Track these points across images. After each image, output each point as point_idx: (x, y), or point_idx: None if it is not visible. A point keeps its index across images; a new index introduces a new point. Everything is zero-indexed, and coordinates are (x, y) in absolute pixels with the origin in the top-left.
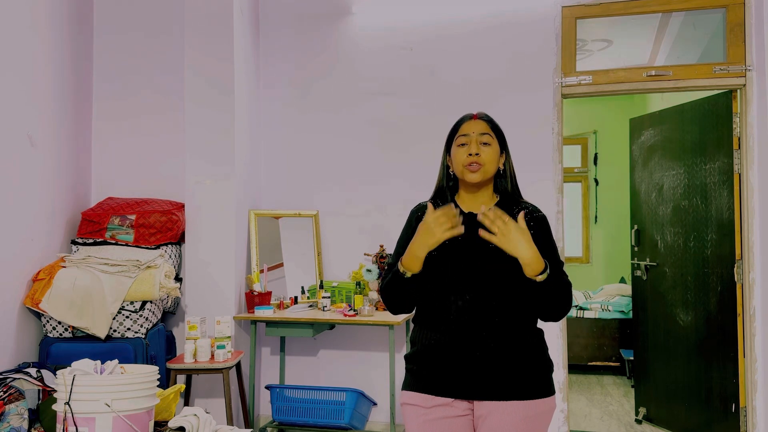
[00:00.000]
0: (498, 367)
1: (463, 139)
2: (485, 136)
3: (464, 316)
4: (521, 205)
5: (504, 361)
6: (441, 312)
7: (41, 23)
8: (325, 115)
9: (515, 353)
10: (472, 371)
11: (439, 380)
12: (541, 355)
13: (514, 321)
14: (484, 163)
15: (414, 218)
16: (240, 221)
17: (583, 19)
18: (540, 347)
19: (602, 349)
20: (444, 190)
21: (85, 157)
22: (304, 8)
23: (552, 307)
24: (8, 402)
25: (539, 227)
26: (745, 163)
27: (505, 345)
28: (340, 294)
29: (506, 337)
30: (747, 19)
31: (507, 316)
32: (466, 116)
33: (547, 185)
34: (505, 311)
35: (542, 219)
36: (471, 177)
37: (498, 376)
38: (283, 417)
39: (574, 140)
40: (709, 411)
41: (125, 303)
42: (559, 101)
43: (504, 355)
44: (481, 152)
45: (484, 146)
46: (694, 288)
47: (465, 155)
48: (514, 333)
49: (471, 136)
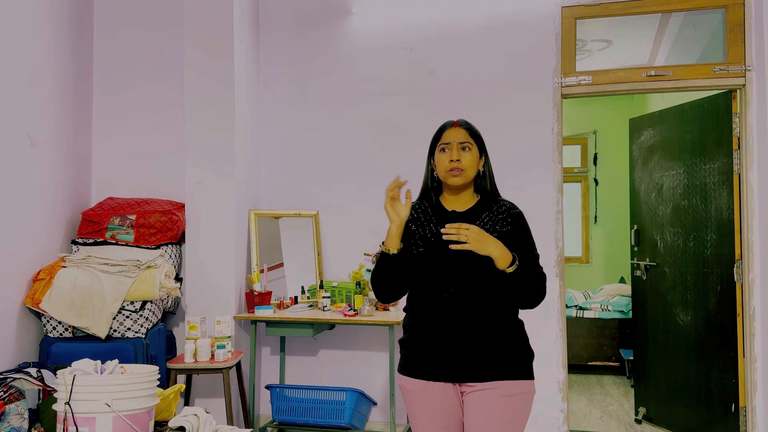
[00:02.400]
0: (479, 352)
1: (445, 146)
2: (465, 143)
3: (448, 307)
4: (500, 203)
5: (484, 347)
6: (428, 304)
7: (41, 22)
8: (326, 115)
9: (495, 340)
10: (457, 357)
11: (428, 366)
12: (520, 342)
13: (494, 311)
14: (465, 168)
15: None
16: (240, 221)
17: (583, 19)
18: (519, 335)
19: (602, 348)
20: (429, 191)
21: (85, 157)
22: (304, 8)
23: (526, 295)
24: (8, 402)
25: (516, 223)
26: (744, 163)
27: (485, 333)
28: (340, 294)
29: (486, 326)
30: (747, 19)
31: (487, 307)
32: (447, 124)
33: (546, 185)
34: (484, 303)
35: (519, 215)
36: (453, 181)
37: (479, 360)
38: (283, 417)
39: (574, 140)
40: (708, 411)
41: (125, 303)
42: (558, 101)
43: (484, 342)
44: (462, 158)
45: (464, 152)
46: (693, 288)
47: (447, 161)
48: (494, 322)
49: (452, 144)
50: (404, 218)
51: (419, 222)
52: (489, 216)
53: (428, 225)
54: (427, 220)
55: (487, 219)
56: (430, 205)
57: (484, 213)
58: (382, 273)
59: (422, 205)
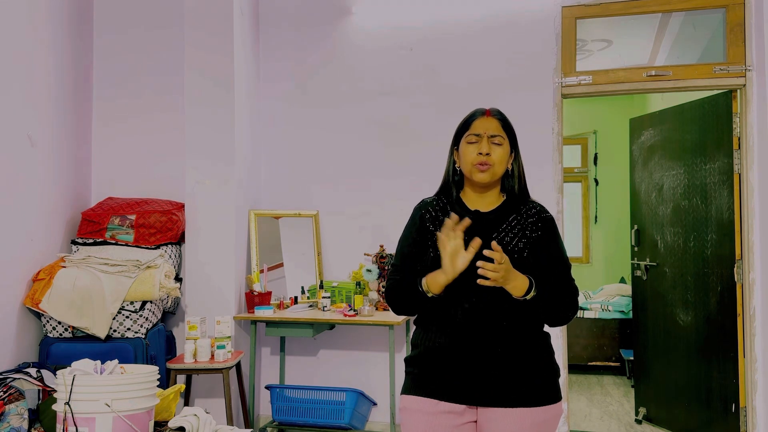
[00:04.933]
0: (505, 372)
1: (473, 137)
2: (497, 136)
3: (471, 319)
4: (529, 204)
5: (511, 366)
6: (446, 314)
7: (41, 21)
8: (325, 115)
9: (523, 358)
10: (479, 376)
11: (444, 385)
12: (548, 360)
13: (522, 325)
14: (494, 163)
15: (418, 216)
16: (240, 221)
17: (583, 19)
18: (547, 352)
19: (602, 349)
20: (450, 185)
21: (85, 157)
22: (304, 8)
23: (554, 315)
24: (8, 402)
25: (546, 229)
26: (745, 163)
27: (512, 350)
28: (340, 294)
29: (513, 341)
30: (747, 19)
31: (514, 319)
32: (478, 111)
33: (547, 185)
34: (512, 315)
35: (550, 220)
36: (480, 177)
37: (505, 382)
38: (283, 417)
39: (574, 140)
40: (709, 411)
41: (125, 303)
42: (559, 101)
43: (511, 360)
44: (492, 152)
45: (495, 146)
46: (694, 288)
47: (475, 153)
48: (522, 337)
49: (482, 135)
50: (460, 271)
51: (437, 221)
52: (517, 219)
53: None
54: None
55: (515, 223)
56: (449, 201)
57: (512, 216)
58: (407, 304)
59: (441, 202)
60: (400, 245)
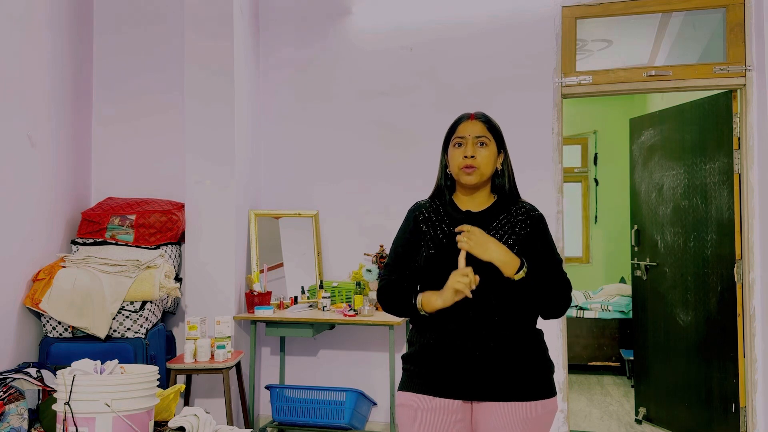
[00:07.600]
0: (498, 367)
1: (459, 140)
2: (482, 137)
3: (463, 315)
4: (519, 204)
5: (504, 361)
6: (439, 312)
7: (41, 21)
8: (326, 115)
9: (515, 353)
10: (472, 371)
11: (438, 380)
12: (541, 355)
13: (514, 320)
14: (479, 165)
15: (412, 217)
16: (240, 221)
17: (583, 19)
18: (540, 347)
19: (602, 349)
20: (442, 189)
21: (85, 157)
22: (304, 8)
23: (546, 304)
24: (8, 402)
25: (536, 226)
26: (745, 163)
27: (504, 344)
28: (340, 294)
29: (506, 336)
30: (747, 19)
31: (507, 315)
32: (463, 116)
33: (547, 185)
34: (504, 310)
35: (539, 218)
36: (466, 179)
37: (498, 376)
38: (283, 417)
39: (574, 140)
40: (709, 411)
41: (125, 303)
42: (559, 101)
43: (504, 354)
44: (477, 154)
45: (480, 147)
46: (694, 288)
47: (461, 157)
48: (514, 332)
49: (467, 138)
50: (456, 300)
51: (430, 222)
52: (507, 218)
53: (440, 225)
54: (439, 220)
55: (505, 221)
56: (442, 204)
57: (502, 215)
58: (399, 310)
59: (434, 204)
60: (394, 245)
